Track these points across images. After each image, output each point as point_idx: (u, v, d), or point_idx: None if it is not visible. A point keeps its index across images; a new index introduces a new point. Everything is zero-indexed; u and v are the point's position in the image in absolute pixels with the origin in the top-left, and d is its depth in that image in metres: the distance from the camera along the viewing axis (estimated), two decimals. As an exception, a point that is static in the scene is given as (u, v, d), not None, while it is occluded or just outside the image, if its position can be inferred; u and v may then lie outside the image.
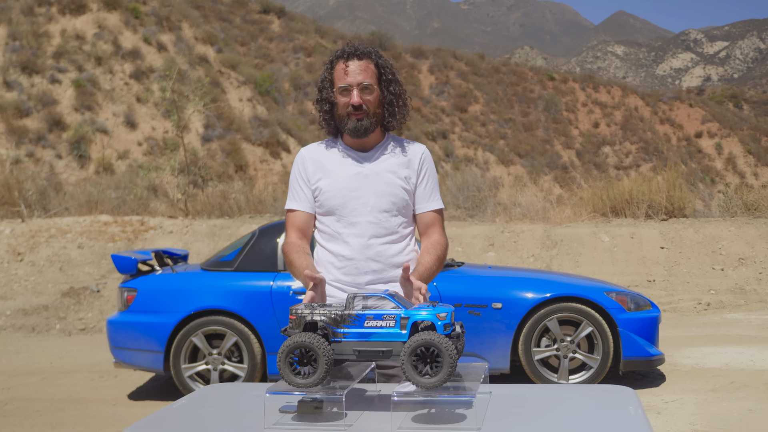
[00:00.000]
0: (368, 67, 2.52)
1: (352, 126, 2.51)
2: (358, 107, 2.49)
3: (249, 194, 14.67)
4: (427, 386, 1.75)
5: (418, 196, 2.60)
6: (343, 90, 2.51)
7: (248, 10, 42.65)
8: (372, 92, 2.52)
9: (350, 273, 2.52)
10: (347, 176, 2.55)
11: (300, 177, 2.61)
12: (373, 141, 2.60)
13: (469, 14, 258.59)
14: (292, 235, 2.58)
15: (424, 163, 2.62)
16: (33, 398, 6.05)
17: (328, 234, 2.58)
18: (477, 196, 14.49)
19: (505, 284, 5.83)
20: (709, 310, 9.32)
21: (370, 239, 2.51)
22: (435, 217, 2.62)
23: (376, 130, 2.58)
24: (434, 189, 2.63)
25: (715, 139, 46.77)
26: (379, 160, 2.58)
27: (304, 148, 2.69)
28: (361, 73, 2.50)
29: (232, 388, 2.35)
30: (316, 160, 2.61)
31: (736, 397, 5.27)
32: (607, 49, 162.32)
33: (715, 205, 14.57)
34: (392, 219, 2.55)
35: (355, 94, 2.49)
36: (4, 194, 12.96)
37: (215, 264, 6.11)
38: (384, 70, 2.56)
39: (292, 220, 2.61)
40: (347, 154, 2.59)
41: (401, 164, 2.58)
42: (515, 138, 41.20)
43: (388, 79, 2.57)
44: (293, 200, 2.62)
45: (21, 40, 26.10)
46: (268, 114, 29.89)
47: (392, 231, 2.55)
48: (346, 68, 2.51)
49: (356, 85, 2.49)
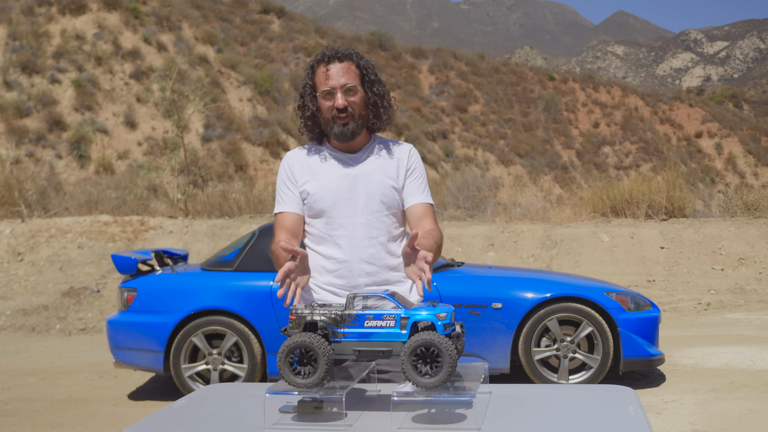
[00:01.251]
0: (350, 68, 2.47)
1: (338, 131, 2.46)
2: (343, 110, 2.44)
3: (249, 194, 14.67)
4: (427, 386, 1.75)
5: (407, 191, 2.55)
6: (327, 94, 2.46)
7: (248, 10, 42.65)
8: (356, 93, 2.47)
9: (343, 276, 2.47)
10: (336, 178, 2.50)
11: (287, 179, 2.55)
12: (359, 143, 2.55)
13: (469, 14, 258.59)
14: (281, 235, 2.49)
15: (412, 161, 2.57)
16: (33, 398, 6.05)
17: (318, 237, 2.52)
18: (477, 196, 14.49)
19: (505, 284, 5.83)
20: (709, 310, 9.32)
21: (363, 241, 2.46)
22: (427, 209, 2.54)
23: (363, 133, 2.53)
24: (424, 185, 2.58)
25: (715, 139, 46.78)
26: (367, 161, 2.54)
27: (289, 152, 2.63)
28: (343, 75, 2.45)
29: (232, 388, 2.35)
30: (303, 163, 2.55)
31: (736, 397, 5.27)
32: (607, 49, 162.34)
33: (715, 205, 14.58)
34: (384, 219, 2.50)
35: (339, 97, 2.44)
36: (4, 194, 12.96)
37: (215, 264, 6.11)
38: (366, 71, 2.51)
39: (280, 222, 2.53)
40: (334, 156, 2.55)
41: (390, 164, 2.54)
42: (515, 138, 41.21)
43: (371, 80, 2.51)
44: (281, 203, 2.55)
45: (21, 40, 26.11)
46: (268, 114, 29.90)
47: (384, 232, 2.50)
48: (327, 71, 2.45)
49: (339, 87, 2.44)
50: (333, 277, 2.48)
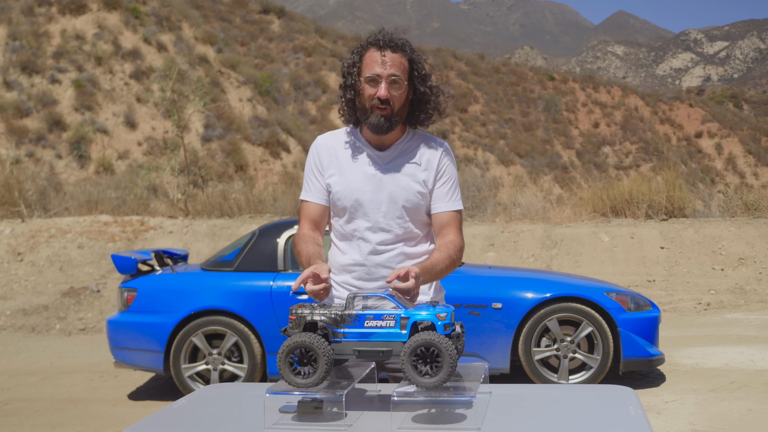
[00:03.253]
0: (401, 60, 2.37)
1: (374, 121, 2.36)
2: (385, 101, 2.34)
3: (249, 194, 14.66)
4: (427, 386, 1.75)
5: (435, 196, 2.46)
6: (371, 80, 2.35)
7: (248, 10, 42.65)
8: (401, 87, 2.37)
9: (361, 278, 2.44)
10: (361, 177, 2.43)
11: (315, 167, 2.48)
12: (393, 137, 2.46)
13: (469, 14, 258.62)
14: (305, 226, 2.47)
15: (443, 163, 2.47)
16: (33, 398, 6.05)
17: (340, 233, 2.50)
18: (477, 196, 14.49)
19: (505, 284, 5.83)
20: (709, 310, 9.32)
21: (381, 245, 2.42)
22: (452, 217, 2.46)
23: (398, 127, 2.44)
24: (453, 189, 2.48)
25: (715, 139, 46.78)
26: (396, 161, 2.45)
27: (320, 136, 2.55)
28: (393, 66, 2.35)
29: (232, 388, 2.35)
30: (332, 153, 2.48)
31: (736, 397, 5.27)
32: (607, 49, 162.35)
33: (715, 205, 14.57)
34: (405, 225, 2.44)
35: (383, 87, 2.34)
36: (4, 194, 12.96)
37: (215, 264, 6.11)
38: (416, 65, 2.42)
39: (305, 212, 2.50)
40: (364, 150, 2.46)
41: (419, 165, 2.45)
42: (515, 138, 41.22)
43: (421, 75, 2.42)
44: (307, 191, 2.50)
45: (21, 40, 26.11)
46: (268, 114, 29.90)
47: (404, 237, 2.45)
48: (378, 57, 2.35)
49: (386, 77, 2.34)
50: (350, 278, 2.46)
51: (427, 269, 2.27)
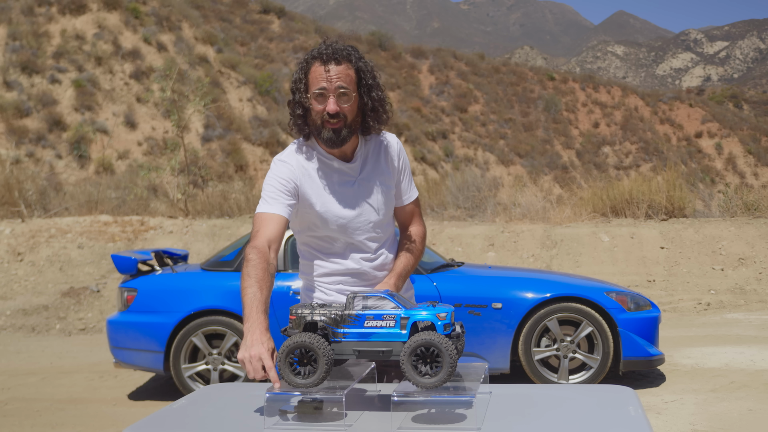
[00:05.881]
0: (348, 72, 2.31)
1: (327, 136, 2.31)
2: (335, 115, 2.29)
3: (249, 194, 14.66)
4: (427, 386, 1.75)
5: (399, 190, 2.56)
6: (319, 95, 2.29)
7: (248, 10, 42.64)
8: (350, 99, 2.31)
9: (357, 284, 2.46)
10: (343, 201, 2.40)
11: (284, 186, 2.35)
12: (351, 146, 2.42)
13: (469, 14, 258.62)
14: (261, 239, 2.25)
15: (402, 157, 2.54)
16: (33, 398, 6.05)
17: (328, 252, 2.45)
18: (477, 196, 14.48)
19: (505, 284, 5.83)
20: (709, 310, 9.32)
21: (373, 253, 2.47)
22: (414, 206, 2.60)
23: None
24: (410, 178, 2.59)
25: (715, 139, 46.78)
26: (366, 172, 2.45)
27: (282, 155, 2.43)
28: (339, 78, 2.28)
29: (232, 388, 2.35)
30: (304, 172, 2.39)
31: (736, 397, 5.27)
32: (607, 49, 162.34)
33: (715, 205, 14.56)
34: (388, 228, 2.52)
35: (332, 102, 2.28)
36: (4, 194, 12.96)
37: (215, 264, 6.11)
38: (364, 74, 2.35)
39: (265, 223, 2.30)
40: (331, 165, 2.41)
41: (386, 169, 2.48)
42: (515, 138, 41.21)
43: (368, 84, 2.35)
44: (270, 204, 2.33)
45: (21, 40, 26.11)
46: (268, 114, 29.90)
47: (389, 237, 2.53)
48: (322, 72, 2.29)
49: (333, 90, 2.28)
50: (345, 285, 2.46)
51: (401, 276, 2.44)
